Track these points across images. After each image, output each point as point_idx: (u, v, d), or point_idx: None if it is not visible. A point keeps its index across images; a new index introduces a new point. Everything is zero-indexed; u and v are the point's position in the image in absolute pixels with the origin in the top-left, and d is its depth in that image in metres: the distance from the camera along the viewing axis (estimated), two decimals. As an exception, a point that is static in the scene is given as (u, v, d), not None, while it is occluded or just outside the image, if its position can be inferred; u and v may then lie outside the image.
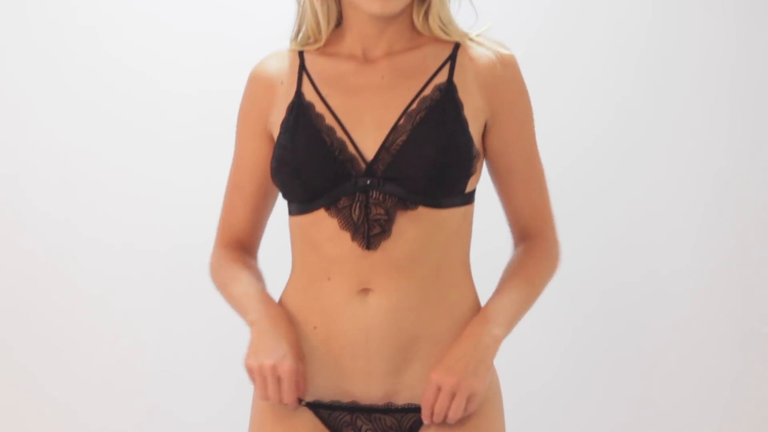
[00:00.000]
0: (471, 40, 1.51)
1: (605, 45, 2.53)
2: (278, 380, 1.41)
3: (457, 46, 1.50)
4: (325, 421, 1.48)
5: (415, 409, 1.46)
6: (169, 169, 2.51)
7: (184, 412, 2.52)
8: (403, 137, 1.43)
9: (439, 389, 1.41)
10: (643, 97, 2.53)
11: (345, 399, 1.47)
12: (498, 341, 1.46)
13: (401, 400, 1.46)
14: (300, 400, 1.46)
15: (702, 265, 2.54)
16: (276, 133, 1.50)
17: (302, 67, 1.52)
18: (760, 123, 2.54)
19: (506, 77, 1.50)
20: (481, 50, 1.50)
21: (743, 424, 2.51)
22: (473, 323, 1.46)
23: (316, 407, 1.48)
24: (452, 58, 1.49)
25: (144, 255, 2.51)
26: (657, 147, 2.54)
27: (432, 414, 1.41)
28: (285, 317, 1.47)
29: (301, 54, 1.53)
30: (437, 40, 1.51)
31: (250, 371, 1.43)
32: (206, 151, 2.42)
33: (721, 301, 2.54)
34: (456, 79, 1.47)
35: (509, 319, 1.48)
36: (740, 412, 2.52)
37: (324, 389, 1.47)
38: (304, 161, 1.44)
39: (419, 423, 1.46)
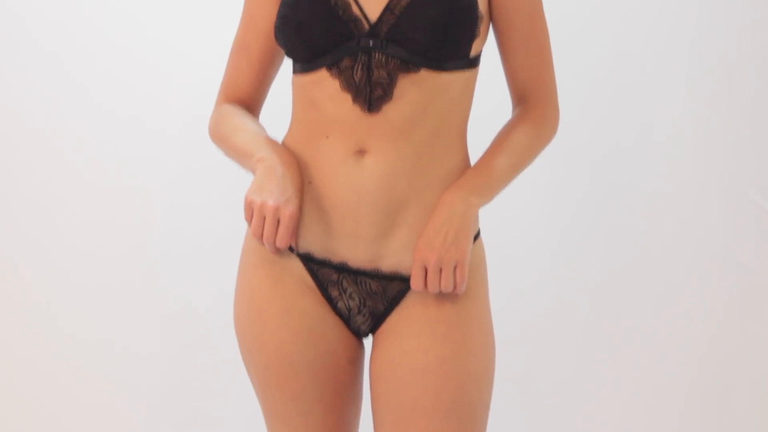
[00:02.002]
0: None
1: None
2: (276, 223, 1.42)
3: None
4: (313, 274, 1.49)
5: (401, 278, 1.47)
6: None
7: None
8: None
9: (425, 268, 1.42)
10: None
11: (335, 259, 1.48)
12: (473, 207, 1.45)
13: (387, 267, 1.47)
14: (291, 249, 1.48)
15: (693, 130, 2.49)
16: None
17: None
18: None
19: None
20: None
21: (734, 292, 2.50)
22: (450, 191, 1.46)
23: (306, 260, 1.49)
24: None
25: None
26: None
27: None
28: (295, 162, 1.48)
29: None
30: None
31: (249, 207, 1.43)
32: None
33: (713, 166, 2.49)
34: None
35: (489, 187, 1.48)
36: (730, 282, 2.50)
37: (314, 245, 1.49)
38: (307, 20, 1.42)
39: (404, 292, 1.48)
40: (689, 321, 2.50)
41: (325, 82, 1.44)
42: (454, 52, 1.44)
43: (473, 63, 1.47)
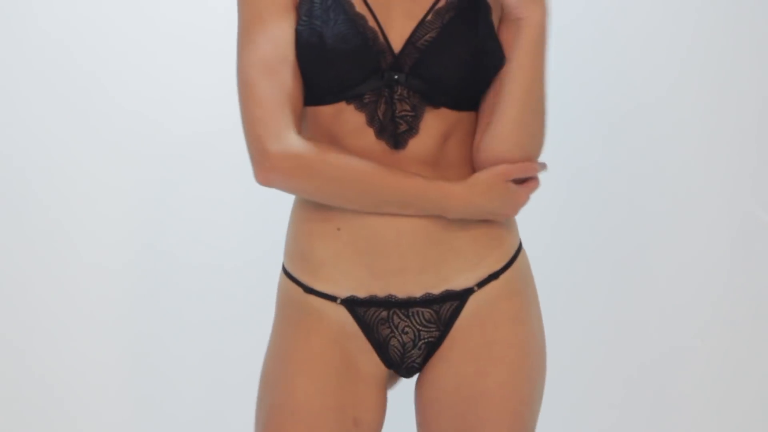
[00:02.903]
0: None
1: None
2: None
3: None
4: (359, 320, 1.44)
5: (454, 296, 1.44)
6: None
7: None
8: (432, 33, 1.39)
9: None
10: None
11: (381, 294, 1.43)
12: None
13: (438, 289, 1.44)
14: (334, 299, 1.44)
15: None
16: (296, 14, 1.39)
17: None
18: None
19: None
20: None
21: (742, 310, 2.50)
22: None
23: (351, 304, 1.43)
24: None
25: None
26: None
27: None
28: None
29: None
30: None
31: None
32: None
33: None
34: None
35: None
36: (739, 299, 2.50)
37: (357, 288, 1.43)
38: (340, 51, 1.36)
39: (458, 311, 1.45)
40: (699, 340, 2.51)
41: (344, 116, 1.40)
42: (475, 93, 1.43)
43: None
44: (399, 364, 1.47)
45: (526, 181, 1.45)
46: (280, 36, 1.37)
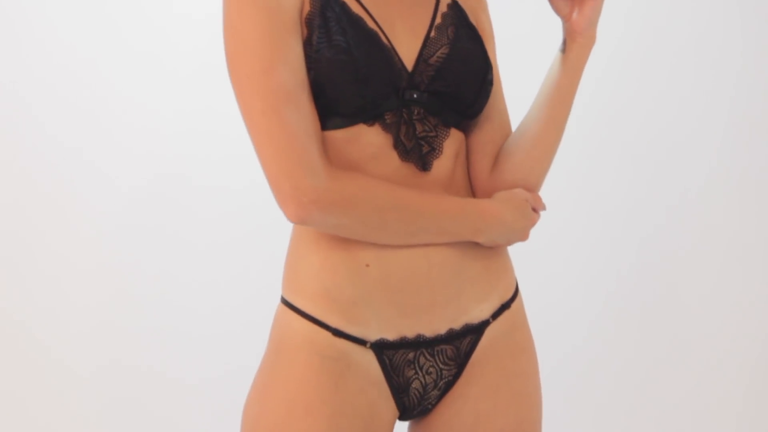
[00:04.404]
0: None
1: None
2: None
3: None
4: (384, 364, 1.34)
5: (472, 330, 1.38)
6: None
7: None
8: (444, 50, 1.34)
9: None
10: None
11: (410, 334, 1.34)
12: None
13: (458, 324, 1.37)
14: (363, 342, 1.33)
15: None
16: (305, 29, 1.28)
17: None
18: None
19: (486, 13, 1.49)
20: None
21: None
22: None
23: (380, 347, 1.33)
24: None
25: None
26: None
27: None
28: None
29: None
30: None
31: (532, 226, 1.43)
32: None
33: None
34: (459, 2, 1.44)
35: None
36: None
37: (387, 329, 1.33)
38: (370, 69, 1.26)
39: (474, 345, 1.39)
40: (725, 393, 2.53)
41: (364, 140, 1.30)
42: (481, 109, 1.40)
43: None
44: (414, 407, 1.39)
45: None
46: (295, 58, 1.25)
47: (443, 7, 1.40)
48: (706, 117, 2.55)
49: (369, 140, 1.31)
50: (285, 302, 1.38)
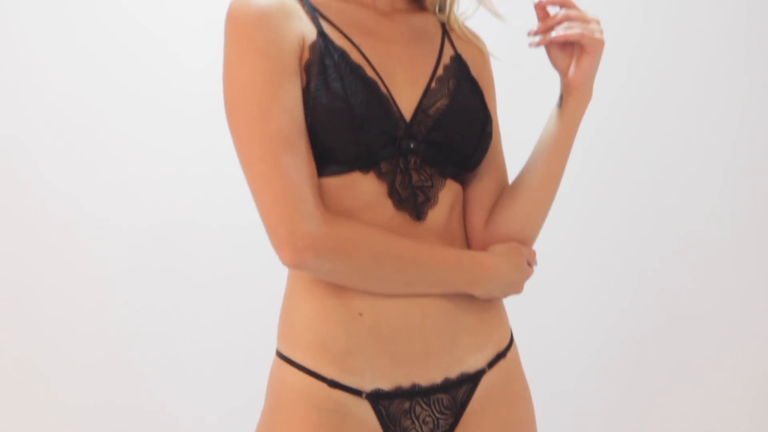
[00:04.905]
0: (449, 23, 1.49)
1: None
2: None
3: (442, 23, 1.48)
4: (381, 415, 1.32)
5: (468, 379, 1.37)
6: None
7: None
8: (444, 101, 1.35)
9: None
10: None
11: (405, 383, 1.33)
12: None
13: (455, 373, 1.36)
14: (359, 393, 1.32)
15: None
16: (304, 76, 1.28)
17: (311, 7, 1.34)
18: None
19: (487, 67, 1.50)
20: (461, 34, 1.48)
21: None
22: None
23: (375, 398, 1.32)
24: (446, 33, 1.46)
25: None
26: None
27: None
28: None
29: None
30: (424, 10, 1.48)
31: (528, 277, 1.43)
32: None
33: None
34: (462, 55, 1.45)
35: None
36: None
37: (382, 379, 1.32)
38: (367, 117, 1.27)
39: (471, 394, 1.37)
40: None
41: (359, 187, 1.30)
42: (480, 161, 1.41)
43: None
44: None
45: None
46: (293, 105, 1.25)
47: (446, 59, 1.41)
48: (704, 166, 2.57)
49: (364, 188, 1.31)
50: (280, 355, 1.37)
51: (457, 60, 1.42)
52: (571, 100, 1.41)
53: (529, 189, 1.43)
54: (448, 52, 1.43)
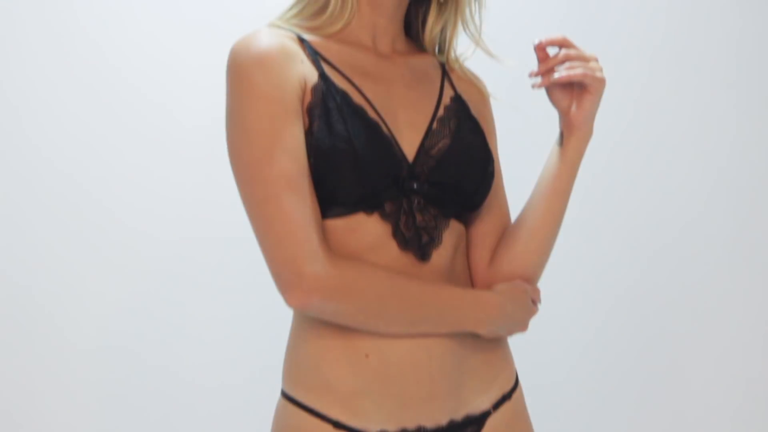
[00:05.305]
0: (448, 63, 1.51)
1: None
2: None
3: (442, 64, 1.49)
4: None
5: (474, 421, 1.37)
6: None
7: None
8: (446, 141, 1.36)
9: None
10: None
11: (411, 425, 1.32)
12: None
13: (460, 415, 1.36)
14: None
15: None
16: (306, 119, 1.29)
17: (312, 50, 1.35)
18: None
19: (488, 107, 1.52)
20: (461, 75, 1.51)
21: None
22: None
23: None
24: (446, 74, 1.48)
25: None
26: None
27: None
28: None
29: (298, 36, 1.36)
30: (423, 52, 1.50)
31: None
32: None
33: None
34: (462, 95, 1.46)
35: None
36: None
37: (388, 422, 1.31)
38: (370, 158, 1.27)
39: None
40: None
41: (363, 229, 1.30)
42: (482, 201, 1.41)
43: None
44: None
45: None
46: (296, 147, 1.26)
47: (446, 100, 1.42)
48: (709, 200, 2.57)
49: (368, 229, 1.31)
50: (285, 395, 1.37)
51: (458, 100, 1.44)
52: (573, 140, 1.42)
53: (532, 228, 1.44)
54: (448, 93, 1.44)
